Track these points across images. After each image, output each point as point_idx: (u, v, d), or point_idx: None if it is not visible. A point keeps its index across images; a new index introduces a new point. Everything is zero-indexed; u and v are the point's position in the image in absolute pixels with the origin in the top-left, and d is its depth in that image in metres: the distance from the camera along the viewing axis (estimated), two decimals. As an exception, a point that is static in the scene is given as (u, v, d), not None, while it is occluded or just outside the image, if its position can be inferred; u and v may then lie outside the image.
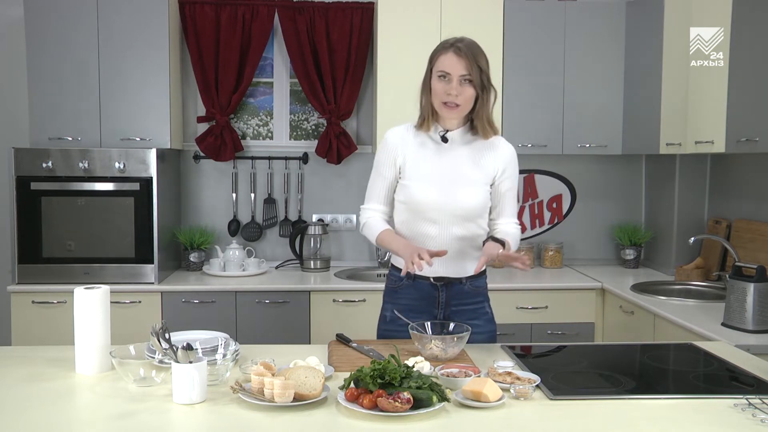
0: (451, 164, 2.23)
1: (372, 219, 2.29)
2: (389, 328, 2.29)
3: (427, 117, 2.22)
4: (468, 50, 2.12)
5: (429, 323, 2.12)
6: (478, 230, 2.25)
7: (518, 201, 2.25)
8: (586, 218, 4.25)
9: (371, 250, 4.16)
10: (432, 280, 2.25)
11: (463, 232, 2.23)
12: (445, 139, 2.23)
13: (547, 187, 4.24)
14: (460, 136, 2.24)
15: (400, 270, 2.26)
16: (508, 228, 2.29)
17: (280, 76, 4.10)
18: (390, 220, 2.32)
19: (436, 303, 2.27)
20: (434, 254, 2.05)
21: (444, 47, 2.16)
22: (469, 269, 2.25)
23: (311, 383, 1.64)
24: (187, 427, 1.58)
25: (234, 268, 3.79)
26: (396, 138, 2.27)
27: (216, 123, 3.92)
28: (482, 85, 2.15)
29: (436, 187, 2.20)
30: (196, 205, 4.10)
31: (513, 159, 2.30)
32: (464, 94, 2.14)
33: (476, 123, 2.22)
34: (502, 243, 2.12)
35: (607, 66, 3.90)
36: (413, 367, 1.73)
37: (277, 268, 4.00)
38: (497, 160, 2.26)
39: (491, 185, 2.26)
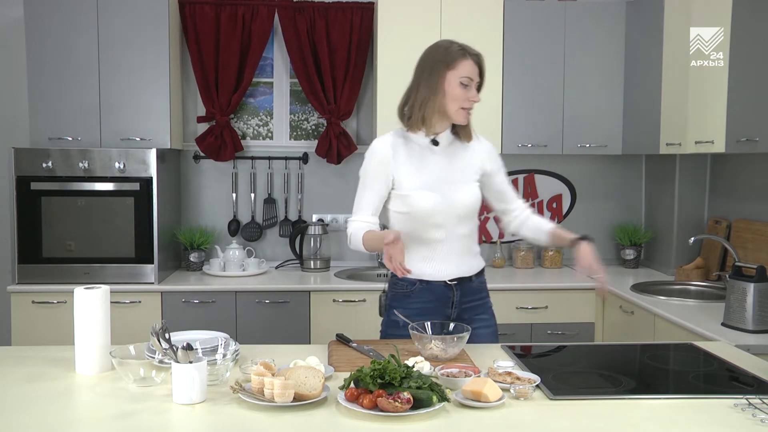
0: (443, 167, 2.25)
1: (356, 228, 2.26)
2: (401, 333, 2.22)
3: (429, 119, 2.21)
4: (481, 60, 2.21)
5: (429, 323, 2.12)
6: (475, 226, 2.33)
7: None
8: (586, 218, 4.25)
9: (371, 250, 4.16)
10: (447, 281, 2.26)
11: (466, 230, 2.28)
12: (435, 143, 2.25)
13: (547, 187, 4.24)
14: (446, 138, 2.27)
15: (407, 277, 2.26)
16: (534, 218, 2.38)
17: (280, 76, 4.11)
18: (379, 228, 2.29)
19: (450, 303, 2.28)
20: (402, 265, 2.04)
21: (462, 54, 2.19)
22: (475, 266, 2.33)
23: (311, 383, 1.64)
24: (187, 427, 1.58)
25: (234, 268, 3.79)
26: (385, 149, 2.24)
27: (216, 123, 3.92)
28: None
29: (437, 192, 2.21)
30: (196, 205, 4.10)
31: (495, 151, 2.38)
32: (477, 101, 2.22)
33: (460, 127, 2.26)
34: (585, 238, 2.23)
35: (607, 66, 3.90)
36: (413, 367, 1.73)
37: (277, 268, 4.00)
38: (483, 159, 2.31)
39: (478, 181, 2.31)
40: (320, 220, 4.10)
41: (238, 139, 4.00)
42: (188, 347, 1.68)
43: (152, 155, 3.49)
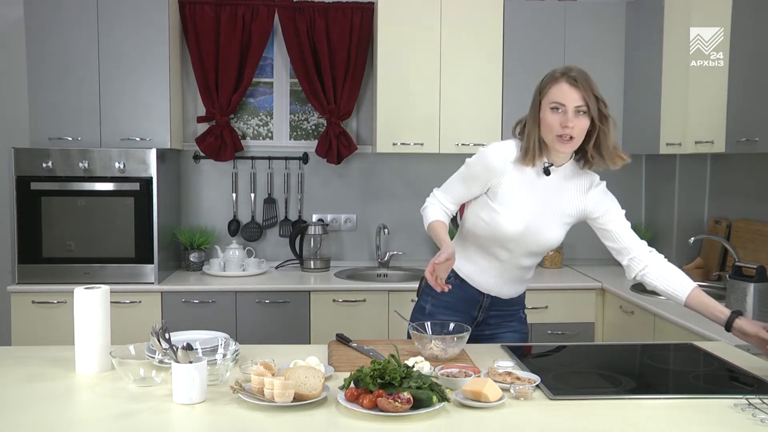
0: (544, 201, 2.15)
1: (433, 207, 2.24)
2: (427, 321, 2.23)
3: (533, 151, 2.07)
4: (582, 79, 2.02)
5: (429, 323, 2.12)
6: (539, 260, 2.29)
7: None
8: (586, 218, 4.24)
9: (371, 250, 4.16)
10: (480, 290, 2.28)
11: (530, 263, 2.26)
12: (547, 172, 2.13)
13: (547, 187, 4.23)
14: (563, 171, 2.15)
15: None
16: (667, 269, 2.15)
17: (280, 76, 4.10)
18: (451, 216, 2.27)
19: (478, 306, 2.30)
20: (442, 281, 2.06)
21: (554, 78, 2.05)
22: (515, 291, 2.32)
23: (311, 383, 1.64)
24: (187, 427, 1.58)
25: (234, 268, 3.79)
26: (498, 161, 2.11)
27: (216, 123, 3.92)
28: (600, 114, 2.04)
29: (524, 224, 2.13)
30: (196, 205, 4.09)
31: (605, 195, 2.20)
32: (579, 126, 2.02)
33: (593, 155, 2.09)
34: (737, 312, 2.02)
35: (607, 66, 3.90)
36: (413, 367, 1.73)
37: (277, 268, 4.00)
38: (588, 206, 2.18)
39: (569, 224, 2.22)
40: (320, 220, 4.10)
41: (238, 139, 4.00)
42: (188, 347, 1.68)
43: (152, 155, 3.49)
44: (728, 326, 2.00)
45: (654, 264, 2.16)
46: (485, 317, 2.31)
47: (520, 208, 2.13)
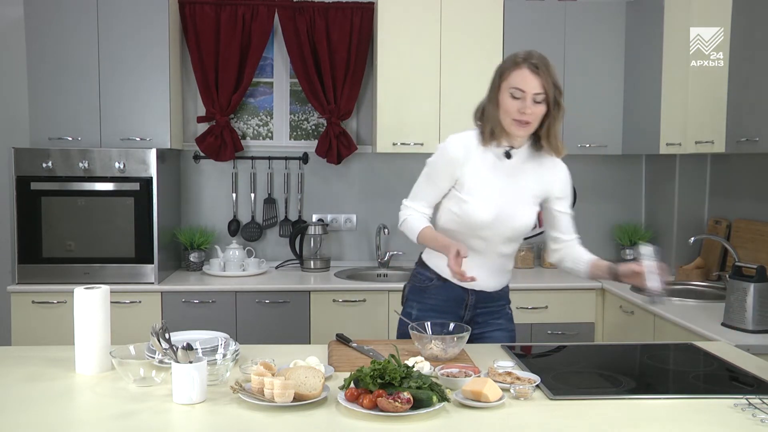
0: (510, 183, 2.18)
1: (412, 217, 2.24)
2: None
3: (494, 132, 2.13)
4: (543, 66, 2.06)
5: (429, 323, 2.12)
6: (517, 246, 2.31)
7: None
8: (586, 218, 4.22)
9: (371, 250, 4.16)
10: (464, 287, 2.26)
11: (508, 250, 2.27)
12: (508, 155, 2.17)
13: (547, 187, 4.23)
14: (522, 153, 2.19)
15: (429, 268, 2.29)
16: (578, 249, 2.29)
17: (280, 76, 4.10)
18: (431, 221, 2.28)
19: (464, 305, 2.29)
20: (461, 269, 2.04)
21: (516, 63, 2.08)
22: (500, 283, 2.32)
23: (311, 383, 1.64)
24: (187, 427, 1.58)
25: (234, 268, 3.79)
26: (458, 150, 2.16)
27: (216, 123, 3.92)
28: (555, 102, 2.09)
29: (494, 208, 2.15)
30: (196, 205, 4.09)
31: (568, 179, 2.29)
32: (536, 113, 2.08)
33: (543, 141, 2.15)
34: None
35: (607, 66, 3.90)
36: (413, 367, 1.73)
37: (277, 268, 4.00)
38: (552, 185, 2.24)
39: (539, 204, 2.26)
40: (320, 220, 4.10)
41: (238, 139, 4.00)
42: (188, 347, 1.68)
43: (152, 155, 3.49)
44: (616, 277, 2.12)
45: (570, 251, 2.28)
46: (472, 315, 2.30)
47: (488, 194, 2.16)
